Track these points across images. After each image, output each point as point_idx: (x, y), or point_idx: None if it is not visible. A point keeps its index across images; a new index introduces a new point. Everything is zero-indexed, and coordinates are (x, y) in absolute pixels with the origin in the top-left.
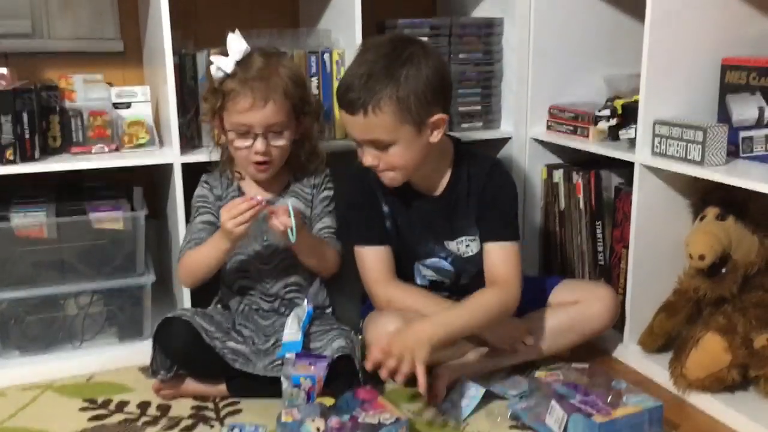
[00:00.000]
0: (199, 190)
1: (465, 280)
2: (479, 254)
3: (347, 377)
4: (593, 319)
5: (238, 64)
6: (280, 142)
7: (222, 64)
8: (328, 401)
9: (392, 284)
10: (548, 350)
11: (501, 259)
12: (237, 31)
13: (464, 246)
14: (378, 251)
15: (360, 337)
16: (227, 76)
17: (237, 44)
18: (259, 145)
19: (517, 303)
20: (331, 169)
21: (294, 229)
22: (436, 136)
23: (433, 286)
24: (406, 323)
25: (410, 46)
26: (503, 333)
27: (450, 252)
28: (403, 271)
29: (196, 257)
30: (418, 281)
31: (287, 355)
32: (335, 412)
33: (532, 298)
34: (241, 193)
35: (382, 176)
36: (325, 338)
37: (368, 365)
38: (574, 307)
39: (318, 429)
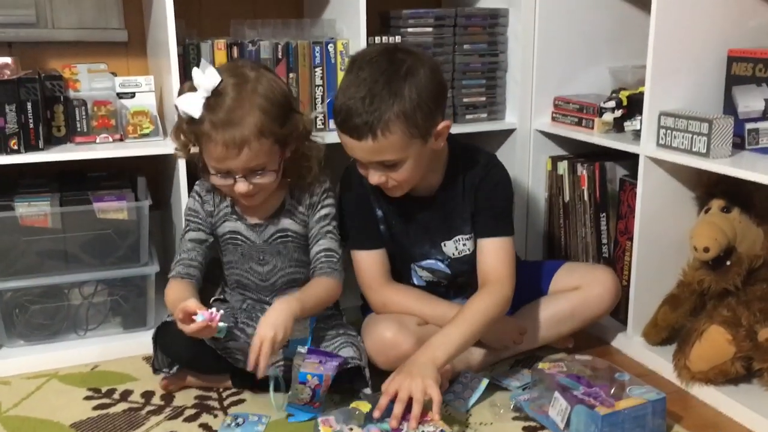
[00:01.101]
0: (191, 203)
1: (462, 279)
2: (474, 253)
3: (355, 385)
4: (594, 304)
5: (207, 102)
6: (264, 180)
7: (188, 108)
8: (365, 407)
9: (388, 287)
10: (551, 338)
11: (494, 254)
12: (203, 61)
13: (461, 245)
14: (373, 255)
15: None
16: (194, 120)
17: (204, 80)
18: (241, 186)
19: (511, 300)
20: (332, 178)
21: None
22: (439, 143)
23: (430, 286)
24: (403, 324)
25: (406, 58)
26: (500, 334)
27: (446, 255)
28: (399, 273)
29: (171, 300)
30: (415, 281)
31: (299, 349)
32: (370, 420)
33: (533, 284)
34: (233, 210)
35: (388, 191)
36: (332, 345)
37: (376, 413)
38: (575, 293)
39: None
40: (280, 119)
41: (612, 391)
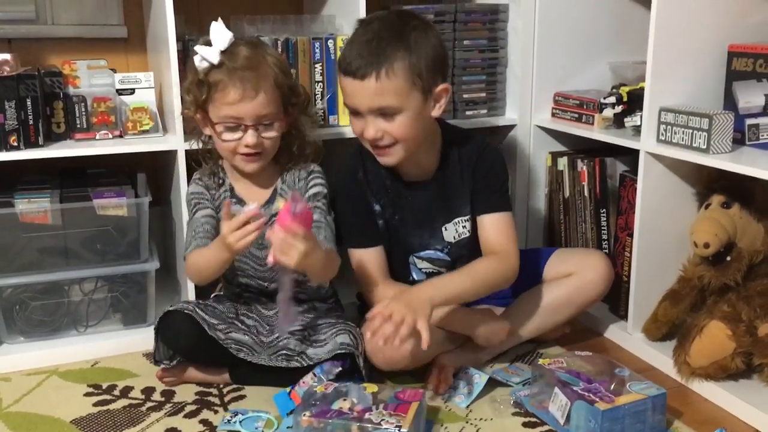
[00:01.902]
0: (194, 187)
1: (461, 264)
2: (473, 236)
3: (350, 374)
4: (588, 289)
5: (224, 53)
6: (271, 134)
7: (207, 54)
8: (371, 388)
9: (388, 284)
10: (548, 327)
11: (496, 229)
12: (220, 20)
13: (460, 227)
14: (372, 252)
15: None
16: (213, 66)
17: (221, 33)
18: (250, 138)
19: (516, 274)
20: (323, 162)
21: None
22: (438, 110)
23: (430, 278)
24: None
25: (413, 18)
26: (489, 334)
27: (445, 242)
28: (399, 266)
29: (201, 260)
30: (415, 276)
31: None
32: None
33: (527, 271)
34: (233, 194)
35: (380, 154)
36: (329, 331)
37: (368, 334)
38: (568, 279)
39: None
40: (288, 78)
41: (612, 386)
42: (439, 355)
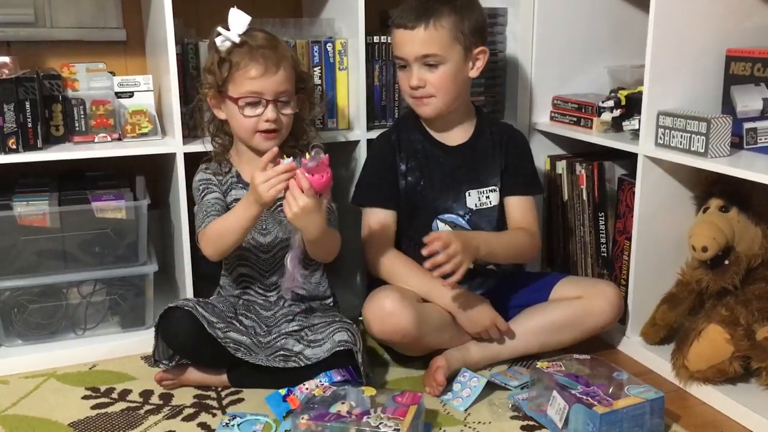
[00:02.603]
0: (201, 175)
1: None
2: (495, 209)
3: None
4: (596, 314)
5: (243, 35)
6: (288, 111)
7: (229, 35)
8: (369, 391)
9: (388, 248)
10: (550, 345)
11: (525, 211)
12: (236, 7)
13: (484, 196)
14: (381, 215)
15: (360, 318)
16: (235, 45)
17: (239, 17)
18: (270, 112)
19: (538, 250)
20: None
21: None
22: (475, 71)
23: None
24: (405, 296)
25: None
26: (473, 315)
27: (467, 208)
28: (422, 228)
29: (222, 227)
30: None
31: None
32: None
33: (534, 293)
34: (239, 179)
35: (420, 104)
36: (326, 330)
37: (426, 250)
38: (577, 301)
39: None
40: (299, 63)
41: (610, 390)
42: (435, 357)
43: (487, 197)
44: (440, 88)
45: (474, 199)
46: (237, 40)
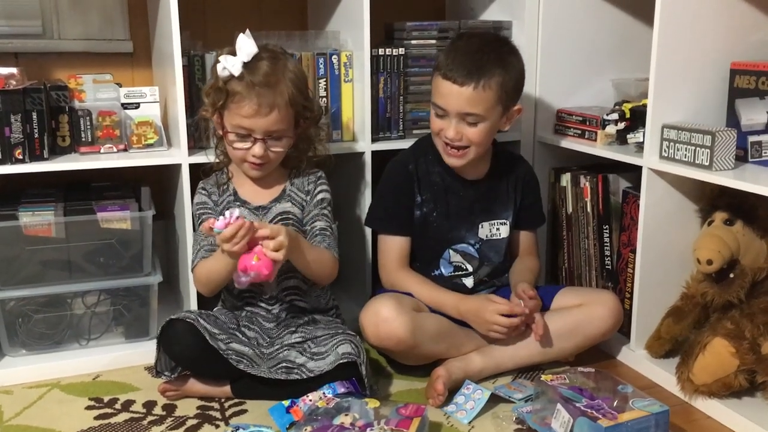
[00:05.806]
0: (198, 197)
1: (484, 271)
2: (503, 240)
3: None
4: (596, 322)
5: (246, 66)
6: (278, 148)
7: (229, 65)
8: (373, 403)
9: (401, 271)
10: (552, 353)
11: (531, 240)
12: (248, 31)
13: (495, 228)
14: (398, 240)
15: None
16: (233, 76)
17: (246, 45)
18: (258, 149)
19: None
20: (327, 170)
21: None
22: (507, 125)
23: (456, 272)
24: (401, 303)
25: (508, 43)
26: (480, 319)
27: (478, 238)
28: (429, 258)
29: (207, 270)
30: (443, 269)
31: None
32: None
33: None
34: (236, 197)
35: (452, 155)
36: (330, 342)
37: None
38: (577, 309)
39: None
40: (303, 95)
41: (615, 403)
42: (436, 368)
43: (498, 229)
44: (477, 144)
45: (486, 230)
46: (237, 73)
